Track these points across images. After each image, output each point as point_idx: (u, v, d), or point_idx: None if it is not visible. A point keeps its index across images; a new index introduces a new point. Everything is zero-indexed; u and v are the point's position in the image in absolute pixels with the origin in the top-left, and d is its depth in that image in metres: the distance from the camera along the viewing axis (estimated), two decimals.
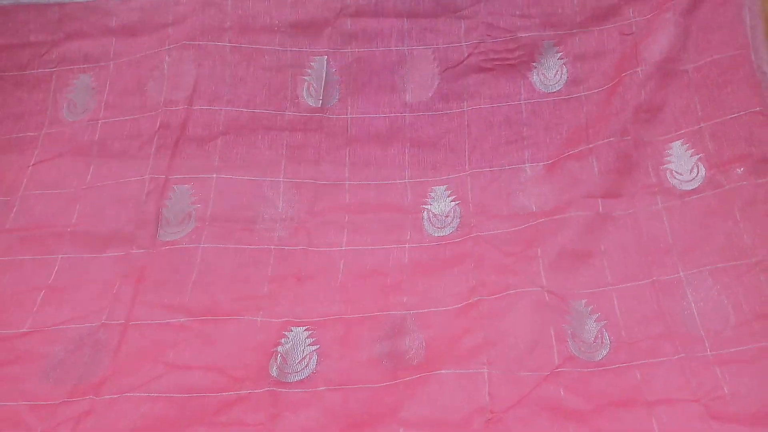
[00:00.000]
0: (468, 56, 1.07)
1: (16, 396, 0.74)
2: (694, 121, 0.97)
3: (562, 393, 0.76)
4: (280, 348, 0.81)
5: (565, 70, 1.06)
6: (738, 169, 0.93)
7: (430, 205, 1.00)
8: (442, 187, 1.02)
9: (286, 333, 0.83)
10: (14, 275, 0.91)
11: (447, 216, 0.99)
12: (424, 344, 0.82)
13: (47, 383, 0.76)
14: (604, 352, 0.82)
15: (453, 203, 1.00)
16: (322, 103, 1.06)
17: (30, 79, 1.08)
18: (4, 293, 0.87)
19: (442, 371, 0.78)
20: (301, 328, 0.84)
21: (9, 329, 0.83)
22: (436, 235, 0.97)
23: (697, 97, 0.98)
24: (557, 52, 1.06)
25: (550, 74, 1.06)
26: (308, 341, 0.82)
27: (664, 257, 0.89)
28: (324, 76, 1.06)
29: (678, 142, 0.97)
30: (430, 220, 0.99)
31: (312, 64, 1.07)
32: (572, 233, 0.92)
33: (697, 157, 0.95)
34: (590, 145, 0.99)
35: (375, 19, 1.07)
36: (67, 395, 0.74)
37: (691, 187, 0.94)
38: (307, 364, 0.80)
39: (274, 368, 0.79)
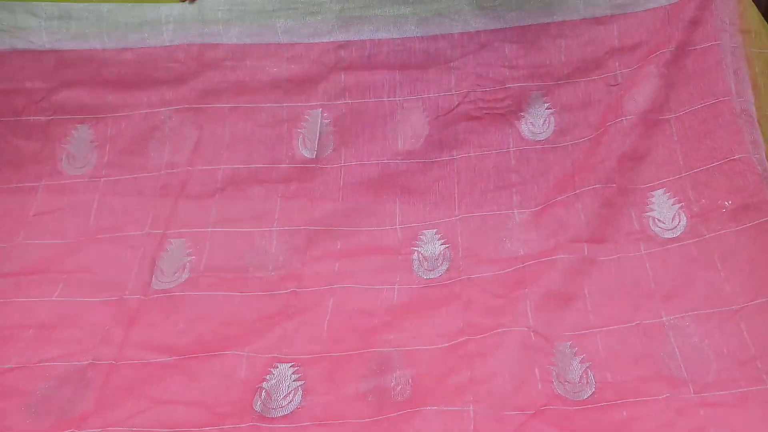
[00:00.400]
0: (458, 105, 1.10)
1: None
2: (676, 171, 1.00)
3: (547, 430, 0.75)
4: (264, 384, 0.81)
5: (552, 120, 1.09)
6: (726, 202, 0.94)
7: (421, 247, 1.01)
8: (432, 231, 1.03)
9: (272, 369, 0.83)
10: (4, 314, 0.91)
11: (437, 259, 1.00)
12: (410, 381, 0.82)
13: (29, 417, 0.76)
14: (590, 392, 0.82)
15: (442, 246, 1.01)
16: (317, 155, 1.08)
17: (26, 125, 1.09)
18: None
19: (427, 408, 0.77)
20: (286, 365, 0.84)
21: None
22: (425, 277, 0.98)
23: (679, 146, 1.01)
24: (545, 102, 1.09)
25: (538, 123, 1.09)
26: (293, 377, 0.82)
27: (647, 302, 0.90)
28: (318, 128, 1.09)
29: (660, 191, 1.00)
30: (420, 262, 1.00)
31: (307, 117, 1.10)
32: (558, 276, 0.94)
33: (678, 205, 0.97)
34: (576, 192, 1.01)
35: (368, 72, 1.10)
36: (49, 428, 0.74)
37: (672, 236, 0.96)
38: (292, 399, 0.80)
39: (258, 403, 0.78)
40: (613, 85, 1.07)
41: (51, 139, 1.09)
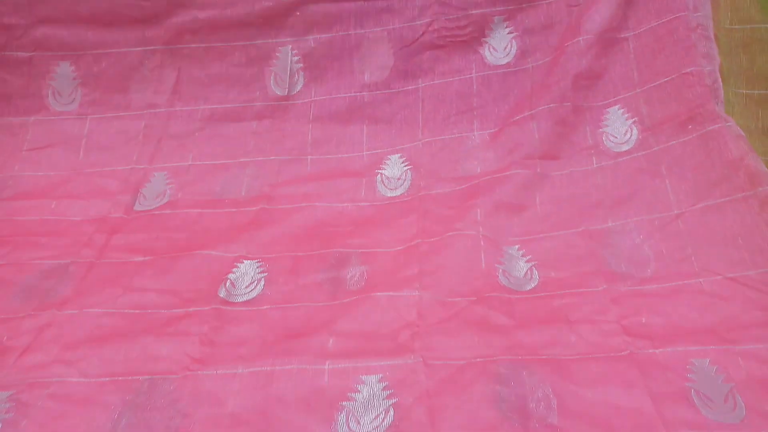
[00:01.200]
0: (422, 35, 1.13)
1: None
2: (631, 87, 1.04)
3: (488, 313, 0.81)
4: (230, 275, 0.88)
5: (514, 44, 1.13)
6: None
7: (384, 170, 1.07)
8: (397, 155, 1.09)
9: (238, 264, 0.90)
10: None
11: (399, 178, 1.06)
12: (364, 275, 0.89)
13: (15, 302, 0.83)
14: (533, 285, 0.87)
15: (405, 167, 1.07)
16: (288, 92, 1.14)
17: (11, 60, 1.13)
18: None
19: (377, 294, 0.84)
20: (252, 261, 0.91)
21: None
22: (388, 195, 1.04)
23: (635, 63, 1.04)
24: (507, 27, 1.13)
25: (500, 48, 1.13)
26: (258, 270, 0.89)
27: (595, 210, 0.96)
28: (289, 65, 1.14)
29: (615, 107, 1.04)
30: (383, 182, 1.06)
31: (278, 54, 1.15)
32: (510, 189, 0.99)
33: (631, 120, 1.02)
34: (532, 112, 1.05)
35: (335, 4, 1.13)
36: (32, 310, 0.82)
37: (624, 149, 1.01)
38: (254, 288, 0.87)
39: (223, 291, 0.85)
40: (574, 6, 1.10)
41: (36, 76, 1.14)
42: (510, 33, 1.13)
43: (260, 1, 1.12)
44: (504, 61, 1.12)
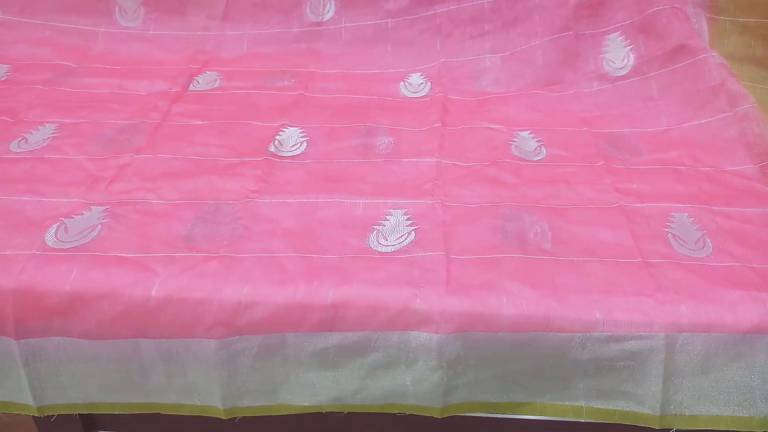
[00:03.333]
0: None
1: (79, 154, 0.96)
2: (629, 16, 1.18)
3: (499, 173, 0.95)
4: (277, 137, 1.02)
5: None
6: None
7: (407, 80, 1.21)
8: (418, 74, 1.24)
9: (283, 129, 1.05)
10: (76, 97, 1.15)
11: (420, 84, 1.20)
12: (392, 144, 1.03)
13: (99, 149, 0.98)
14: (541, 157, 1.01)
15: (425, 80, 1.22)
16: (321, 18, 1.29)
17: None
18: (68, 103, 1.11)
19: (402, 159, 0.98)
20: (295, 128, 1.05)
21: (72, 120, 1.06)
22: (410, 96, 1.18)
23: None
24: None
25: None
26: (301, 135, 1.04)
27: (596, 120, 1.10)
28: None
29: (615, 34, 1.18)
30: (406, 87, 1.20)
31: None
32: (519, 101, 1.14)
33: (629, 47, 1.15)
34: (537, 42, 1.20)
35: None
36: (113, 154, 0.97)
37: (621, 74, 1.15)
38: (298, 147, 1.01)
39: (272, 147, 1.00)
40: None
41: None
42: None
43: None
44: None
